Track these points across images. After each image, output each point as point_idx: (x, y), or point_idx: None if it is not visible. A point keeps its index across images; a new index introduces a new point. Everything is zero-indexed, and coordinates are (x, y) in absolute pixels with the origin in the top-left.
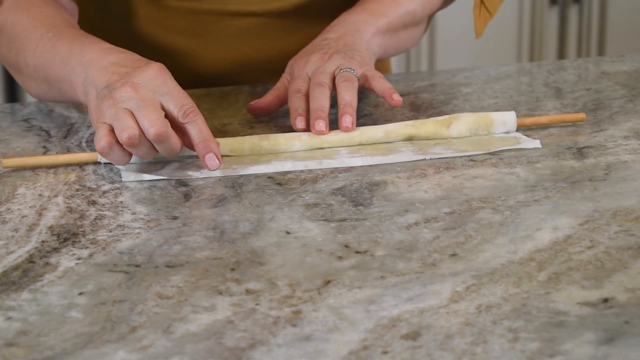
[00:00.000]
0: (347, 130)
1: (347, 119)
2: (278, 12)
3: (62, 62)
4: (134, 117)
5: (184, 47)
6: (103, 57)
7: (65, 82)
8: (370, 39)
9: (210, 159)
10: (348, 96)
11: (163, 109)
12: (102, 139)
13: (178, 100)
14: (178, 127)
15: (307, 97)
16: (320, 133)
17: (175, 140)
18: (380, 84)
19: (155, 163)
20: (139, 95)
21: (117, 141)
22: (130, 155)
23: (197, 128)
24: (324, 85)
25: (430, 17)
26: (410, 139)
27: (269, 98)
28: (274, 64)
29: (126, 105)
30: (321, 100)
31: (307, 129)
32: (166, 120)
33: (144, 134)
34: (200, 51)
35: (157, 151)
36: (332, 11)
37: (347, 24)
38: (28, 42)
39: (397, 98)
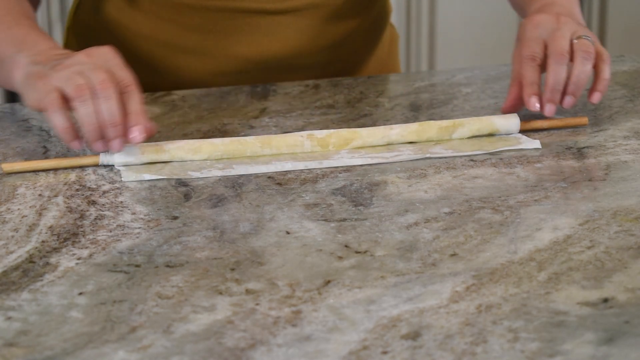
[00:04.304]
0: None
1: (536, 101)
2: (291, 10)
3: (13, 44)
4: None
5: (197, 44)
6: (55, 50)
7: (7, 63)
8: (580, 19)
9: (136, 131)
10: (582, 74)
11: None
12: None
13: (122, 72)
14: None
15: (541, 66)
16: (550, 114)
17: (117, 103)
18: (605, 73)
19: (155, 163)
20: (91, 60)
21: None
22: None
23: (135, 99)
24: (564, 56)
25: None
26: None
27: (514, 93)
28: (287, 61)
29: (78, 68)
30: (559, 76)
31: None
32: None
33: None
34: (212, 48)
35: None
36: (345, 9)
37: (557, 5)
38: None
39: (595, 100)
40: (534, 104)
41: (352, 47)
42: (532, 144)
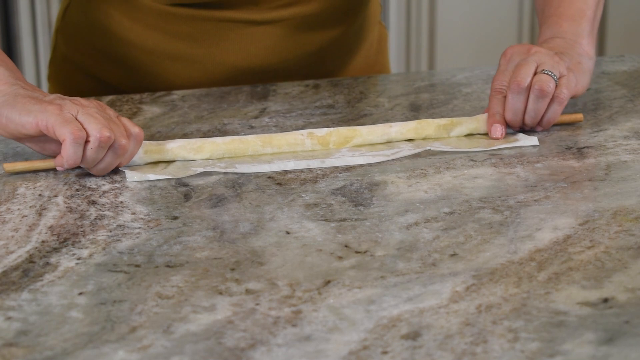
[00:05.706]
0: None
1: (498, 129)
2: (278, 20)
3: None
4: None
5: (185, 52)
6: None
7: None
8: (587, 49)
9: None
10: (533, 112)
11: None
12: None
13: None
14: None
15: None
16: (495, 136)
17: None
18: (550, 113)
19: (157, 163)
20: (105, 113)
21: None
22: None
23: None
24: (520, 86)
25: None
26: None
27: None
28: (274, 67)
29: (97, 112)
30: (514, 105)
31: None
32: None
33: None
34: (200, 56)
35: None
36: (332, 18)
37: (558, 39)
38: None
39: (537, 130)
40: (495, 133)
41: (339, 51)
42: (530, 141)
